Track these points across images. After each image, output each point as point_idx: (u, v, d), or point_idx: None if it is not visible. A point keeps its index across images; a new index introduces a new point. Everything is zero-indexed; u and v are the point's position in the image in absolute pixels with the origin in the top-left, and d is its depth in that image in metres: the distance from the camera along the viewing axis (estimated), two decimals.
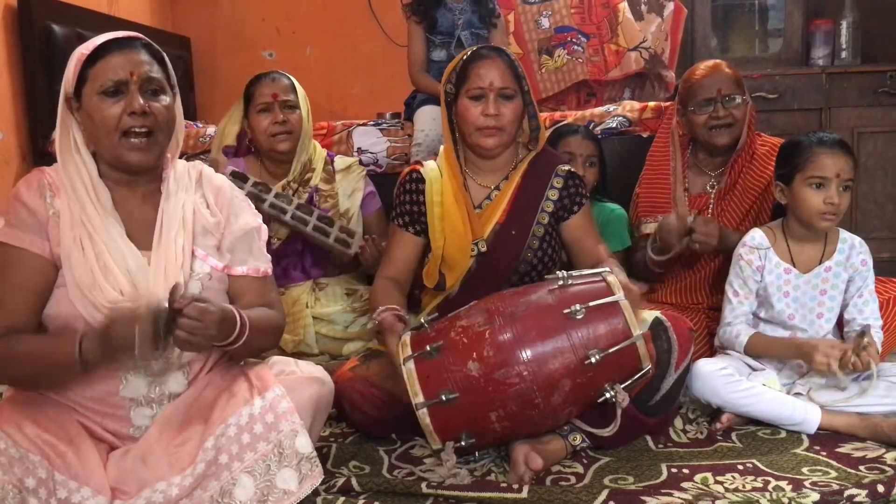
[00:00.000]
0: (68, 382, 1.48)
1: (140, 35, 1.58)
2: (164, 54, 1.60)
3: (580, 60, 3.56)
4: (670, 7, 3.60)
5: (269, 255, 1.71)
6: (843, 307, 2.04)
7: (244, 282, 1.64)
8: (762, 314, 2.07)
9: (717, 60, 2.39)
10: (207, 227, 1.60)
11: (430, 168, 2.09)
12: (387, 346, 1.82)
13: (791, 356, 1.99)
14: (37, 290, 1.49)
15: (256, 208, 1.77)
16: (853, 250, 2.03)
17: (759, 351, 2.02)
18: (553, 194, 2.04)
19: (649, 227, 2.38)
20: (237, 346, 1.50)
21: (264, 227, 1.72)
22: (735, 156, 2.30)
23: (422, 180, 2.07)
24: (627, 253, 2.49)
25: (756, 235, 2.06)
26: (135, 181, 1.59)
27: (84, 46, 1.53)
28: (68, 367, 1.41)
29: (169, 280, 1.50)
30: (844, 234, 2.05)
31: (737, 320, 2.05)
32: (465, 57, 2.01)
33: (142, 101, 1.50)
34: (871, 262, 2.04)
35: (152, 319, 1.34)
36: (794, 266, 2.03)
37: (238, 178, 2.36)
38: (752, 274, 2.03)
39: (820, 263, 2.02)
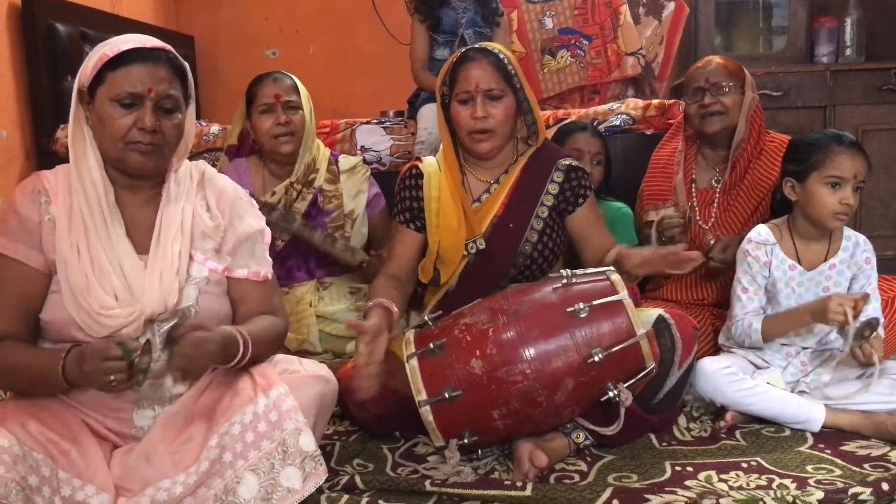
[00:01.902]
0: (60, 393, 1.48)
1: (167, 47, 1.56)
2: (187, 68, 1.58)
3: (582, 65, 3.58)
4: (671, 7, 3.61)
5: (270, 259, 1.70)
6: None
7: (245, 286, 1.63)
8: (767, 311, 2.06)
9: (716, 56, 2.43)
10: (206, 231, 1.59)
11: (428, 163, 2.10)
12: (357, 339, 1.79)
13: (806, 322, 1.97)
14: (24, 299, 1.49)
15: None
16: (857, 248, 2.03)
17: (775, 330, 2.00)
18: (553, 188, 2.04)
19: (651, 215, 2.39)
20: (242, 364, 1.52)
21: (268, 230, 1.72)
22: (736, 149, 2.30)
23: (420, 176, 2.07)
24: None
25: (762, 231, 2.05)
26: (137, 185, 1.58)
27: (109, 47, 1.51)
28: (55, 382, 1.42)
29: (164, 284, 1.50)
30: (848, 231, 2.05)
31: (747, 315, 2.03)
32: (454, 60, 2.01)
33: (153, 119, 1.49)
34: (874, 260, 2.04)
35: (124, 356, 1.35)
36: (800, 263, 2.02)
37: None
38: (760, 269, 2.02)
39: (825, 261, 2.02)
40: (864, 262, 2.02)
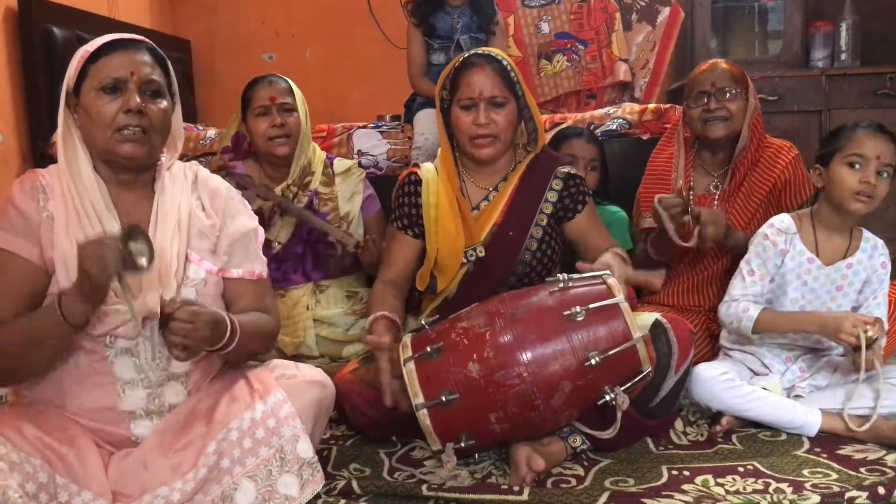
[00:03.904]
0: (63, 353, 1.45)
1: (145, 39, 1.58)
2: (168, 61, 1.60)
3: (577, 69, 3.60)
4: (665, 12, 3.62)
5: (264, 258, 1.71)
6: (855, 308, 2.00)
7: (239, 285, 1.64)
8: (774, 304, 2.02)
9: (720, 59, 2.40)
10: (203, 230, 1.59)
11: (426, 170, 2.09)
12: (375, 361, 1.81)
13: (810, 331, 1.94)
14: (25, 294, 1.48)
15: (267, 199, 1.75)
16: (875, 251, 2.00)
17: (771, 326, 1.96)
18: (552, 196, 2.04)
19: (649, 222, 2.37)
20: (228, 351, 1.50)
21: (261, 228, 1.72)
22: (737, 156, 2.29)
23: (419, 182, 2.07)
24: (629, 254, 2.48)
25: (784, 219, 2.02)
26: (130, 182, 1.58)
27: (89, 44, 1.54)
28: (57, 329, 1.38)
29: (163, 284, 1.49)
30: (867, 234, 2.03)
31: (745, 298, 1.99)
32: (456, 64, 2.01)
33: (138, 101, 1.49)
34: (889, 266, 2.01)
35: (120, 239, 1.33)
36: (818, 256, 1.99)
37: (243, 181, 2.38)
38: (774, 256, 1.99)
39: (843, 258, 1.99)
40: (880, 267, 2.00)
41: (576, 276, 1.74)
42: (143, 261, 1.35)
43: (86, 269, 1.33)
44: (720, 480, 1.66)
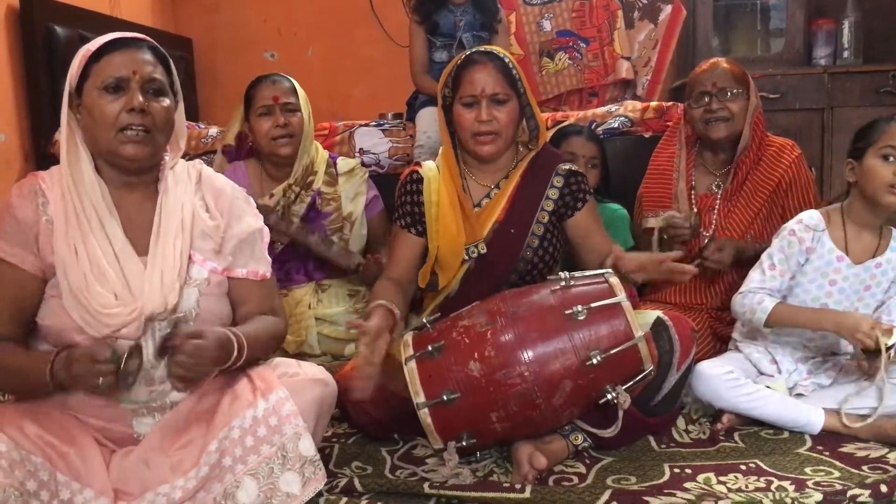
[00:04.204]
0: (46, 396, 1.48)
1: (147, 38, 1.58)
2: (170, 59, 1.60)
3: (579, 67, 3.60)
4: (667, 10, 3.62)
5: (269, 259, 1.70)
6: (877, 307, 1.99)
7: (244, 285, 1.64)
8: (789, 300, 2.01)
9: (721, 58, 2.40)
10: (206, 231, 1.59)
11: (428, 168, 2.10)
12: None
13: (824, 328, 1.92)
14: (19, 302, 1.49)
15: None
16: None
17: (784, 320, 1.93)
18: (553, 193, 2.04)
19: (651, 222, 2.37)
20: (238, 366, 1.52)
21: (266, 229, 1.72)
22: (739, 155, 2.28)
23: (420, 180, 2.07)
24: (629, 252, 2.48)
25: (814, 215, 1.99)
26: (133, 183, 1.58)
27: (90, 44, 1.54)
28: (41, 384, 1.42)
29: (165, 284, 1.50)
30: None
31: (762, 290, 1.97)
32: (458, 62, 2.01)
33: (141, 99, 1.49)
34: None
35: (112, 359, 1.36)
36: (847, 254, 1.96)
37: None
38: (798, 253, 1.97)
39: (873, 257, 1.97)
40: None
41: (577, 274, 1.74)
42: (131, 379, 1.42)
43: (74, 376, 1.38)
44: (722, 478, 1.66)
